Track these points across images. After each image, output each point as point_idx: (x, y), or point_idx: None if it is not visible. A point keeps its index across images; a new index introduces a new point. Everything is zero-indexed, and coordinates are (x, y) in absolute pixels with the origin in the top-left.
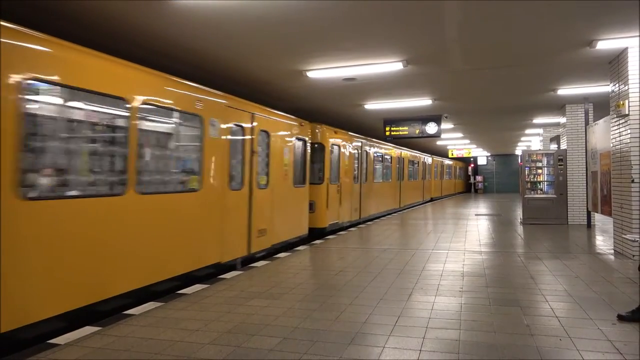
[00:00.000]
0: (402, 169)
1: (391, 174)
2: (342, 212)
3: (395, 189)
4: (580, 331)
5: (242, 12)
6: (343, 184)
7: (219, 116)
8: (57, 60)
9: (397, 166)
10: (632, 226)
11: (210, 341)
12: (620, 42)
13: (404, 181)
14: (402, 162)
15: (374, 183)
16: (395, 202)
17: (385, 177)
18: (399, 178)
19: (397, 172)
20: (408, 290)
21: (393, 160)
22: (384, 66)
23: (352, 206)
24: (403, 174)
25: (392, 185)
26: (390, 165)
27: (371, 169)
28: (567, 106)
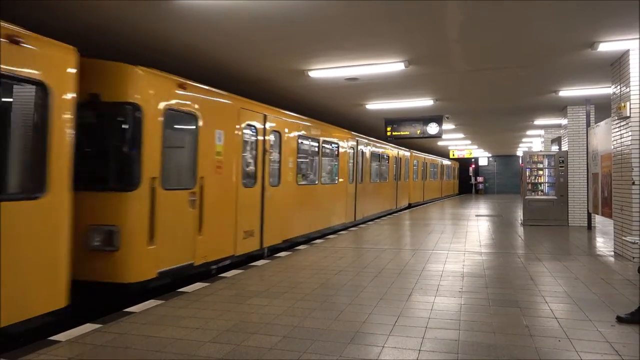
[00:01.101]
0: (360, 167)
1: (338, 172)
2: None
3: (343, 196)
4: (580, 332)
5: (243, 12)
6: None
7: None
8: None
9: (350, 162)
10: (633, 228)
11: (210, 339)
12: (621, 44)
13: (364, 184)
14: (359, 157)
15: (298, 186)
16: (345, 213)
17: (323, 177)
18: (355, 179)
19: (354, 171)
20: (408, 291)
21: (341, 154)
22: (385, 66)
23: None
24: (362, 174)
25: (340, 191)
26: (337, 160)
27: (288, 166)
28: (569, 108)
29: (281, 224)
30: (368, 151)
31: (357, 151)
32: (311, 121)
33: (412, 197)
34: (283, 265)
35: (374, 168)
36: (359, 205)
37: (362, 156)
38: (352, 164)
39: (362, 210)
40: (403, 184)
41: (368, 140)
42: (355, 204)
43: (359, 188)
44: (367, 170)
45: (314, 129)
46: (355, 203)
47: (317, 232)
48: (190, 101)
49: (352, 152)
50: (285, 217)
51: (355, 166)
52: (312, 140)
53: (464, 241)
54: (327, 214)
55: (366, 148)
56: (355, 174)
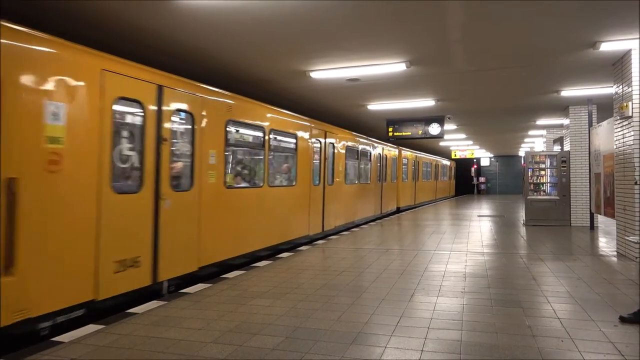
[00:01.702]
0: (331, 165)
1: (297, 172)
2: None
3: (304, 201)
4: (582, 333)
5: (244, 12)
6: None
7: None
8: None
9: (316, 160)
10: (635, 228)
11: (213, 340)
12: (623, 43)
13: (336, 186)
14: (328, 154)
15: (228, 191)
16: (309, 222)
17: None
18: (323, 180)
19: (322, 171)
20: (410, 291)
21: (301, 150)
22: (387, 67)
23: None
24: (333, 174)
25: (300, 195)
26: (294, 157)
27: (208, 162)
28: (571, 108)
29: (197, 242)
30: (341, 146)
31: (324, 146)
32: (251, 102)
33: (402, 201)
34: (285, 266)
35: (350, 167)
36: (328, 213)
37: (333, 152)
38: (320, 162)
39: (333, 217)
40: (390, 185)
41: (342, 132)
42: (324, 211)
43: (328, 191)
44: (340, 170)
45: (255, 113)
46: (324, 210)
47: (267, 249)
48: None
49: (319, 146)
50: (206, 232)
51: (323, 164)
52: (253, 129)
53: (466, 242)
54: (281, 224)
55: (339, 142)
56: (323, 174)
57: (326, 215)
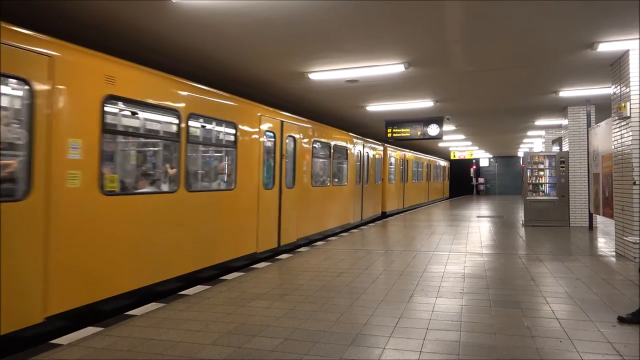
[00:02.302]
0: (291, 164)
1: (236, 172)
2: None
3: (249, 210)
4: (581, 333)
5: (242, 13)
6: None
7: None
8: None
9: (268, 157)
10: (634, 228)
11: (212, 342)
12: (621, 44)
13: (299, 189)
14: (286, 149)
15: (108, 198)
16: (257, 237)
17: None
18: (279, 182)
19: (278, 170)
20: (409, 292)
21: (242, 143)
22: (385, 68)
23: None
24: (294, 174)
25: (241, 201)
26: (233, 153)
27: (65, 157)
28: (569, 108)
29: (61, 270)
30: (307, 141)
31: (280, 139)
32: (150, 72)
33: (388, 204)
34: (284, 267)
35: (320, 167)
36: (287, 222)
37: (294, 148)
38: (274, 159)
39: (294, 228)
40: (374, 187)
41: (308, 124)
42: (280, 221)
43: (288, 196)
44: (304, 170)
45: (158, 88)
46: (280, 219)
47: (186, 274)
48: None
49: (271, 140)
50: (74, 257)
51: (279, 162)
52: (157, 112)
53: (465, 242)
54: (208, 242)
55: (303, 137)
56: (280, 174)
57: (284, 225)
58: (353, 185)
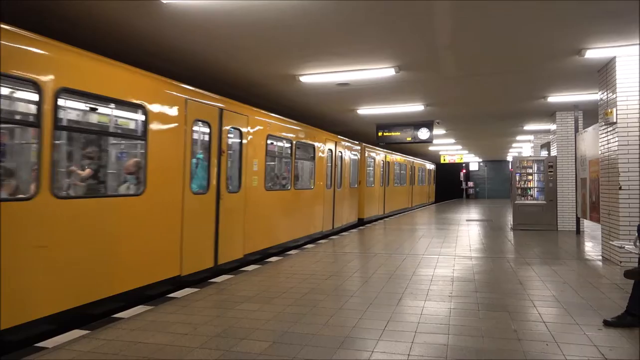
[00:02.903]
0: (237, 163)
1: (146, 172)
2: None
3: (168, 222)
4: (567, 336)
5: (234, 15)
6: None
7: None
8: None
9: (202, 155)
10: (620, 233)
11: (199, 345)
12: (608, 51)
13: (248, 192)
14: (222, 144)
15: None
16: (180, 255)
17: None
18: (216, 185)
19: (215, 171)
20: (398, 295)
21: (154, 133)
22: (376, 72)
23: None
24: (242, 175)
25: (156, 210)
26: (143, 147)
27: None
28: (557, 113)
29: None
30: (259, 136)
31: (218, 131)
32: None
33: (366, 210)
34: (274, 270)
35: (275, 166)
36: (228, 235)
37: (240, 143)
38: (209, 157)
39: (240, 242)
40: (348, 192)
41: (255, 114)
42: (218, 234)
43: (230, 202)
44: (252, 170)
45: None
46: (218, 231)
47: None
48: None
49: (206, 133)
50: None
51: (217, 161)
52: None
53: (454, 246)
54: (93, 267)
55: (252, 129)
56: (218, 175)
57: (224, 239)
58: (322, 189)
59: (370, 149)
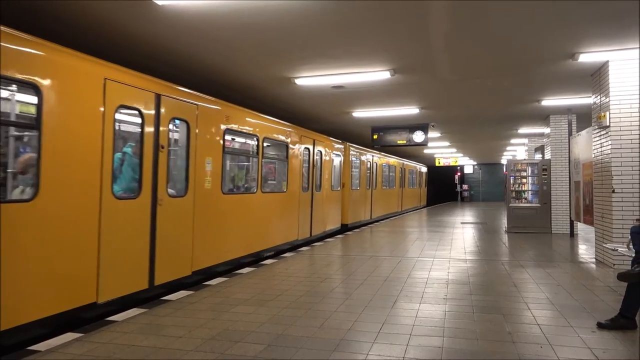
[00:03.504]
0: (182, 161)
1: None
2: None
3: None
4: (561, 339)
5: (229, 18)
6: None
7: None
8: None
9: (129, 150)
10: (613, 235)
11: (194, 348)
12: (601, 55)
13: (180, 199)
14: (161, 138)
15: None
16: (96, 279)
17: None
18: (151, 187)
19: (183, 171)
20: (393, 298)
21: (46, 115)
22: (371, 75)
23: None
24: (194, 175)
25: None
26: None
27: None
28: (551, 117)
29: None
30: (211, 130)
31: (156, 122)
32: None
33: (350, 215)
34: (269, 272)
35: (236, 166)
36: (169, 248)
37: (187, 137)
38: (142, 153)
39: (187, 256)
40: (329, 195)
41: (207, 102)
42: (155, 248)
43: (172, 209)
44: (204, 170)
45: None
46: (155, 245)
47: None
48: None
49: (137, 123)
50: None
51: (153, 158)
52: None
53: (449, 248)
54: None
55: (207, 121)
56: (155, 176)
57: (164, 254)
58: (296, 193)
59: (356, 148)
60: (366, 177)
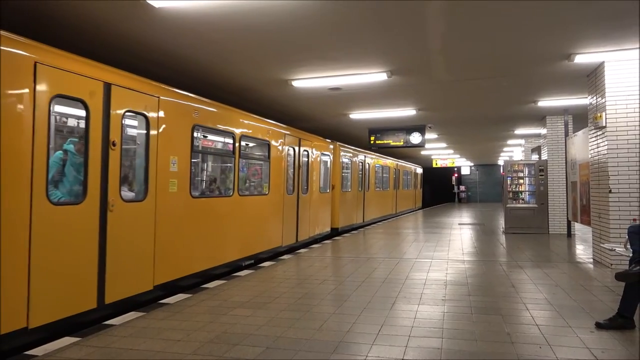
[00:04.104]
0: (144, 161)
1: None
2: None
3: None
4: (560, 339)
5: (226, 21)
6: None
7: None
8: None
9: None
10: (610, 235)
11: (192, 351)
12: (597, 56)
13: (137, 204)
14: (147, 137)
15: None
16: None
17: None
18: (100, 192)
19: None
20: (391, 299)
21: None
22: (368, 76)
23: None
24: (144, 176)
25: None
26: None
27: None
28: (548, 117)
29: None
30: (176, 126)
31: (104, 115)
32: None
33: (341, 219)
34: (267, 275)
35: (208, 167)
36: (124, 262)
37: (146, 133)
38: (87, 150)
39: (148, 269)
40: (317, 198)
41: (172, 96)
42: (105, 261)
43: (127, 215)
44: (167, 171)
45: None
46: (105, 257)
47: None
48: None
49: (80, 115)
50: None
51: (101, 156)
52: None
53: (447, 249)
54: None
55: (162, 114)
56: (104, 177)
57: (117, 268)
58: (280, 195)
59: (347, 149)
60: (358, 179)
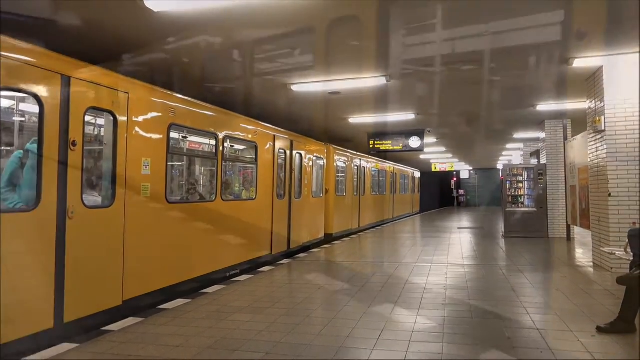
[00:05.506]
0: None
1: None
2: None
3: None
4: (561, 343)
5: (225, 23)
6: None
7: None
8: None
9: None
10: (610, 239)
11: (191, 357)
12: (595, 60)
13: (104, 210)
14: (114, 135)
15: None
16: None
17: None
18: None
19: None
20: (391, 304)
21: None
22: (367, 81)
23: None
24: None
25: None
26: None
27: None
28: (547, 121)
29: None
30: (150, 124)
31: (62, 113)
32: None
33: (335, 224)
34: (266, 280)
35: (188, 169)
36: (84, 278)
37: (113, 132)
38: (41, 150)
39: (115, 285)
40: (310, 203)
41: (149, 93)
42: (64, 277)
43: (91, 223)
44: (139, 173)
45: None
46: (65, 272)
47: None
48: None
49: (33, 109)
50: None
51: (59, 156)
52: None
53: (446, 253)
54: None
55: (132, 112)
56: (62, 182)
57: (75, 282)
58: (269, 200)
59: (341, 151)
60: (353, 183)
